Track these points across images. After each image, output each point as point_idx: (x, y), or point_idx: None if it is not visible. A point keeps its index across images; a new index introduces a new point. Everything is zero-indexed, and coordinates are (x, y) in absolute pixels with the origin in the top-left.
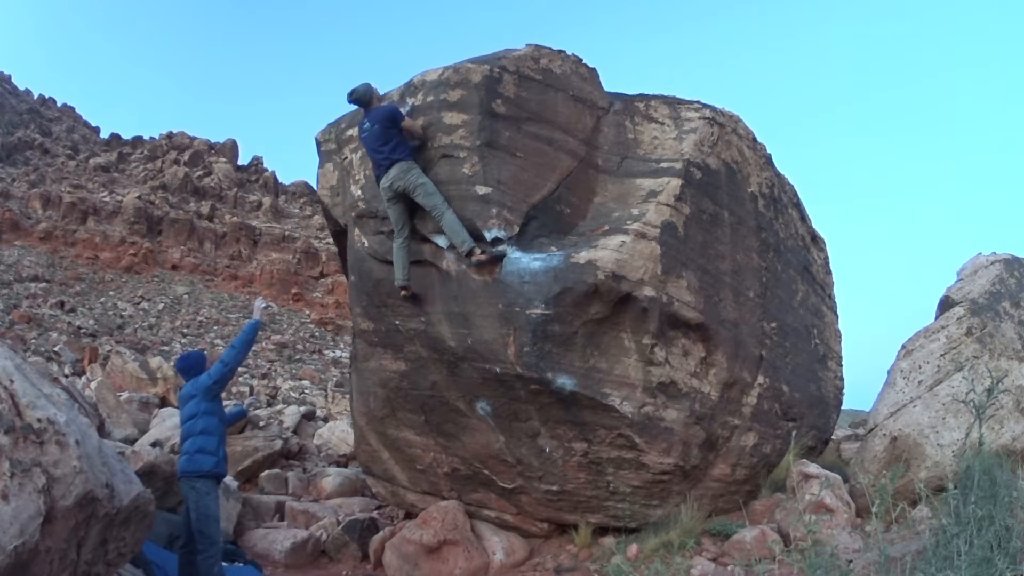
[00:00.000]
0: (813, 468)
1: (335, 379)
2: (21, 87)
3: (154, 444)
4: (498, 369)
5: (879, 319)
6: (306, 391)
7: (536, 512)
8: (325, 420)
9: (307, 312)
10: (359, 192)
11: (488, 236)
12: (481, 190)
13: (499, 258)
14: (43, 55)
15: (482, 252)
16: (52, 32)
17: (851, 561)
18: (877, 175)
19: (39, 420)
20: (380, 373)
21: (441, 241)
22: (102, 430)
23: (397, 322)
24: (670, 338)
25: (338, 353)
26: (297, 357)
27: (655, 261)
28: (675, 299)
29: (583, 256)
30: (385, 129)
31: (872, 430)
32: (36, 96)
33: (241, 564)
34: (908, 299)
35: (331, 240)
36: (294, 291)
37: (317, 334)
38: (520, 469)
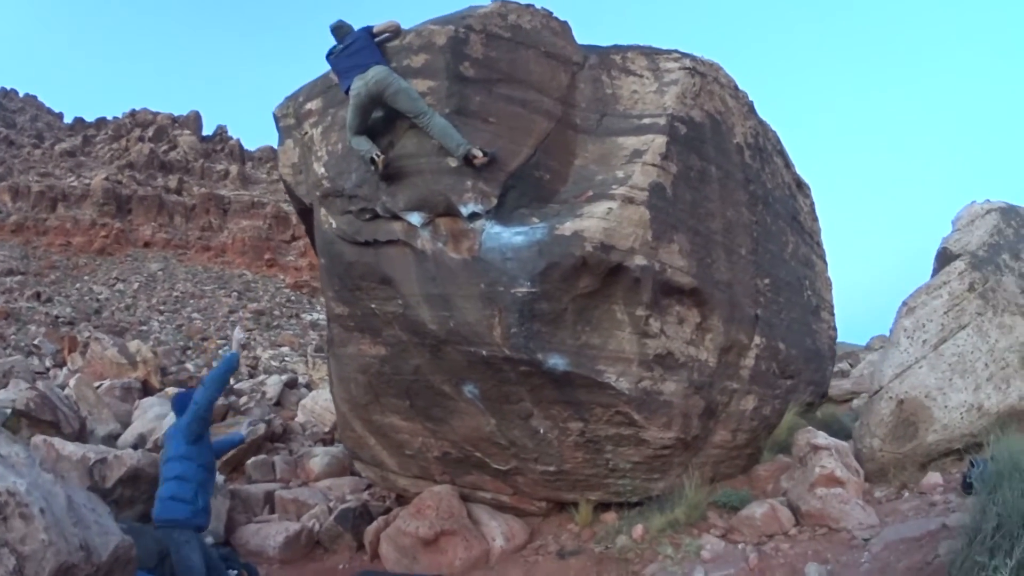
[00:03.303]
0: (822, 438)
1: (314, 343)
2: None
3: (135, 446)
4: (484, 352)
5: (859, 254)
6: (286, 358)
7: (534, 492)
8: (308, 387)
9: (281, 277)
10: (322, 170)
11: (464, 211)
12: (454, 162)
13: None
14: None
15: (484, 156)
16: (4, 24)
17: (868, 539)
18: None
19: None
20: (359, 359)
21: (414, 219)
22: (84, 430)
23: (373, 306)
24: (664, 307)
25: (315, 316)
26: (275, 323)
27: (645, 227)
28: (668, 265)
29: (568, 227)
30: (362, 43)
31: (878, 392)
32: None
33: (236, 573)
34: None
35: None
36: (267, 257)
37: (293, 298)
38: (514, 451)
